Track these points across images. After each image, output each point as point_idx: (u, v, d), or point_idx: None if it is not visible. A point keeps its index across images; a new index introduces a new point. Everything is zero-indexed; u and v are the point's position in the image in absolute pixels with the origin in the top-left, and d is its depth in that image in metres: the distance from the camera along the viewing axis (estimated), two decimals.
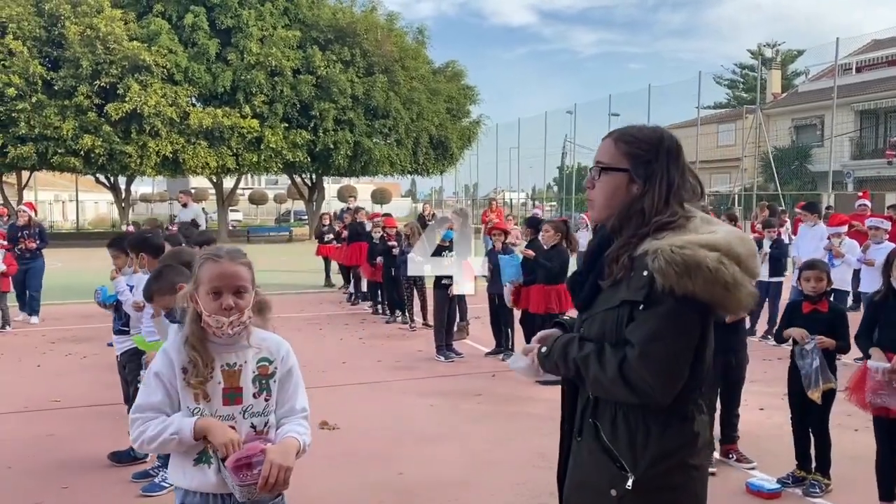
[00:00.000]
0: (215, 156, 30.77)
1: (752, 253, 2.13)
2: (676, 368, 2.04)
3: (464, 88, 36.43)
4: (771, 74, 40.66)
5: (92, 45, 28.72)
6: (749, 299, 2.06)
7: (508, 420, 6.55)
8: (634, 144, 2.21)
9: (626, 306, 2.09)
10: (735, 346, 5.37)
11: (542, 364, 2.27)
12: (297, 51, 31.82)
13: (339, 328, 11.17)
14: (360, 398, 7.30)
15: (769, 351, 9.27)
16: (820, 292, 4.91)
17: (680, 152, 2.22)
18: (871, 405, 4.28)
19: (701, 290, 1.98)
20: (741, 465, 5.40)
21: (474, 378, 8.13)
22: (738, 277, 2.01)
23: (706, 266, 1.97)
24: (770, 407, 6.69)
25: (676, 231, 2.08)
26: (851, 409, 4.84)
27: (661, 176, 2.16)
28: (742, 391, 5.63)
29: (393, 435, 6.14)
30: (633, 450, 2.11)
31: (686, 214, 2.15)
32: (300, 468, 2.40)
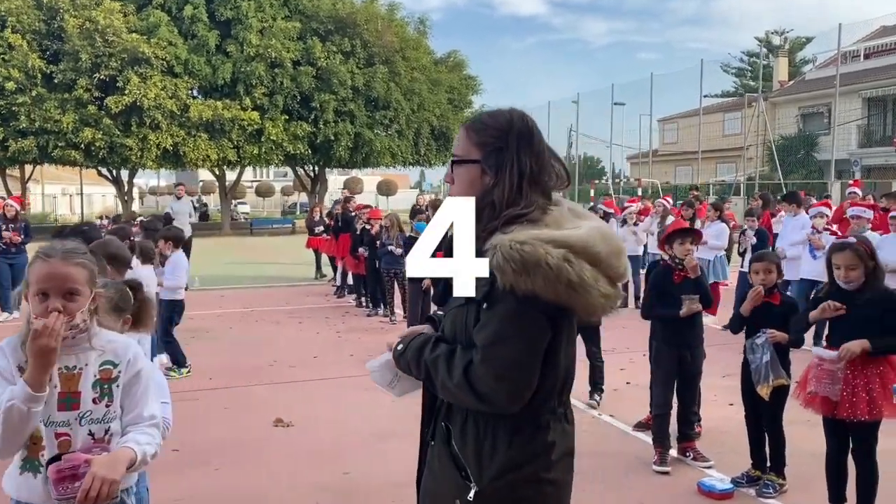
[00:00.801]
0: (216, 148, 30.71)
1: (614, 252, 1.97)
2: (520, 374, 1.89)
3: (465, 78, 36.20)
4: (777, 62, 40.14)
5: (91, 37, 28.68)
6: (602, 302, 1.90)
7: None
8: (484, 132, 2.06)
9: (472, 305, 1.95)
10: (690, 340, 5.21)
11: (398, 363, 2.12)
12: (297, 42, 31.67)
13: (320, 321, 11.06)
14: (323, 395, 7.18)
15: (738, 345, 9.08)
16: (770, 285, 4.73)
17: (533, 135, 2.05)
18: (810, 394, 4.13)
19: (542, 289, 1.82)
20: (698, 464, 5.24)
21: None
22: (586, 277, 1.85)
23: (546, 263, 1.81)
24: (740, 403, 6.47)
25: (528, 225, 1.93)
26: None
27: (511, 164, 2.00)
28: (701, 386, 5.48)
29: (347, 432, 6.02)
30: (480, 458, 1.97)
31: (544, 206, 2.00)
32: (234, 466, 2.26)
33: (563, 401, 2.07)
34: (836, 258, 4.15)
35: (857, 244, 4.16)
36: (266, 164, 33.58)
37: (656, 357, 5.29)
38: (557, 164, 2.10)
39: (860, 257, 4.10)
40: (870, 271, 4.12)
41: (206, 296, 14.05)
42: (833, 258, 4.18)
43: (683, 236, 5.20)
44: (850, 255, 4.10)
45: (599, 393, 6.73)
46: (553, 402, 2.02)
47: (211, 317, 11.57)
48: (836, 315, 4.08)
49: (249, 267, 18.84)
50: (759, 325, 4.67)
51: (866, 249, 4.17)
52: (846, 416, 3.99)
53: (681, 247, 5.18)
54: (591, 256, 1.90)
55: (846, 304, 4.10)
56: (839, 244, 4.26)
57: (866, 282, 4.10)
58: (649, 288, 5.44)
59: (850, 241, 4.21)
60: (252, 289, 15.15)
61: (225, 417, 6.51)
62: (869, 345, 3.96)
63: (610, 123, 35.99)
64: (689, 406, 5.33)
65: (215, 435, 6.04)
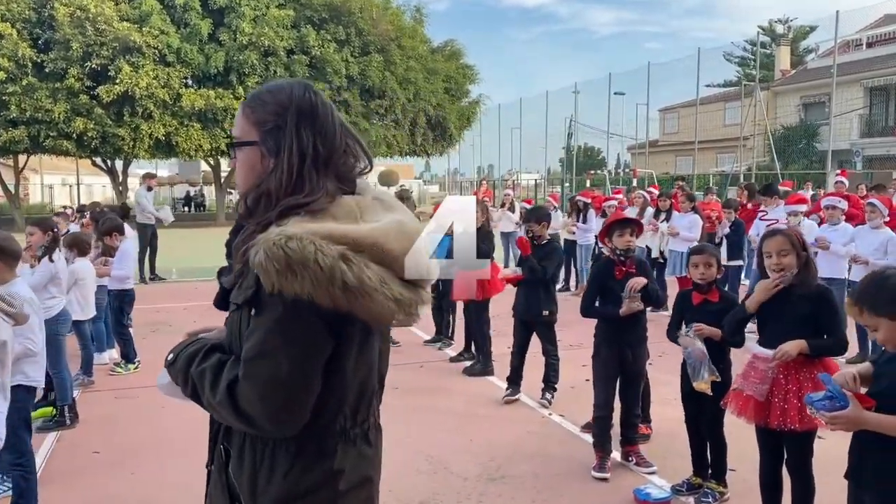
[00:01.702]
0: (209, 138, 30.41)
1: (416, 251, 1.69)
2: (287, 393, 1.61)
3: (462, 68, 35.75)
4: (779, 51, 39.55)
5: (82, 26, 28.37)
6: (391, 308, 1.62)
7: (412, 416, 6.12)
8: (262, 109, 1.77)
9: (243, 309, 1.67)
10: (631, 339, 4.91)
11: (170, 374, 1.84)
12: (290, 30, 31.30)
13: None
14: None
15: None
16: (710, 280, 4.43)
17: (317, 111, 1.76)
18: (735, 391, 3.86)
19: (311, 292, 1.54)
20: (640, 470, 4.96)
21: (399, 369, 7.67)
22: (367, 279, 1.57)
23: (315, 262, 1.53)
24: None
25: (307, 216, 1.64)
26: None
27: (290, 145, 1.71)
28: (652, 385, 5.19)
29: None
30: (254, 488, 1.70)
31: (335, 193, 1.71)
32: (148, 470, 1.98)
33: (358, 420, 1.78)
34: (768, 245, 3.84)
35: (788, 230, 3.87)
36: None
37: (595, 356, 5.00)
38: (355, 145, 1.81)
39: (792, 243, 3.80)
40: (802, 262, 3.82)
41: (179, 288, 13.82)
42: (764, 246, 3.88)
43: (622, 228, 4.88)
44: (782, 239, 3.81)
45: (552, 391, 6.46)
46: (342, 423, 1.74)
47: (177, 309, 11.32)
48: (775, 291, 3.76)
49: None
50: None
51: (798, 238, 3.87)
52: (776, 426, 3.69)
53: (620, 239, 4.87)
54: (380, 254, 1.62)
55: (778, 300, 3.81)
56: (769, 231, 3.96)
57: (799, 274, 3.79)
58: (589, 283, 5.13)
59: (780, 227, 3.91)
60: None
61: (157, 418, 6.24)
62: (806, 346, 3.67)
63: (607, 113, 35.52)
64: (632, 408, 5.04)
65: (142, 436, 5.79)
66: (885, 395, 2.79)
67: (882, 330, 2.80)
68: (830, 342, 3.71)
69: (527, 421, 6.04)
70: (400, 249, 1.65)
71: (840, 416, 2.72)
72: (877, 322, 2.80)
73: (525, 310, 6.46)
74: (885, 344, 2.84)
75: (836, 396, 2.78)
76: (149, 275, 14.53)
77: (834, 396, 2.79)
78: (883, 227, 7.52)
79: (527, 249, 6.43)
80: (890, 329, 2.77)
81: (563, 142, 44.70)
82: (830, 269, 8.01)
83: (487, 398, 6.65)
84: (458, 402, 6.55)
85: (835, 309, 3.75)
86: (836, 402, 2.77)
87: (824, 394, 2.82)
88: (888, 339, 2.81)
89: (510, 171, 53.25)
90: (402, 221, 1.72)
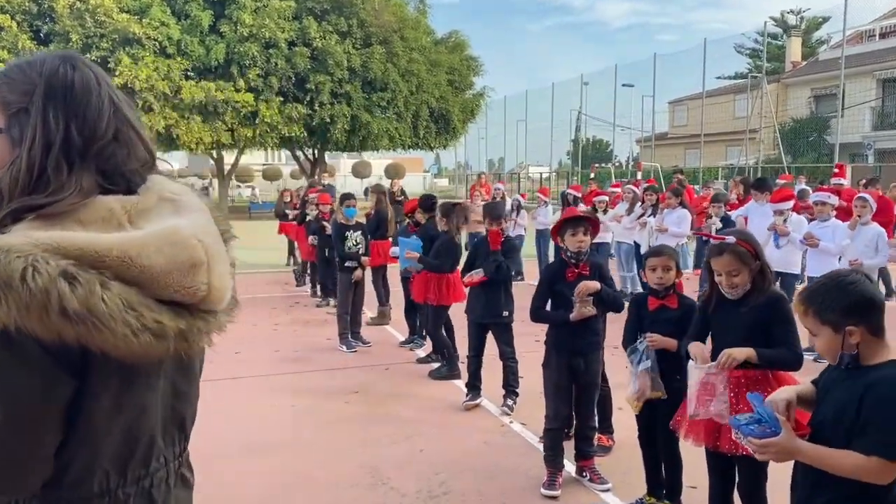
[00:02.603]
0: (210, 131, 30.13)
1: (185, 265, 1.33)
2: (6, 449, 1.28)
3: (467, 59, 35.27)
4: (790, 42, 38.83)
5: (81, 17, 28.18)
6: (147, 341, 1.27)
7: (366, 424, 5.80)
8: (9, 89, 1.41)
9: None
10: (583, 347, 4.54)
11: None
12: (292, 22, 30.96)
13: (264, 312, 10.47)
14: (219, 398, 6.57)
15: None
16: (667, 285, 4.06)
17: (73, 90, 1.41)
18: (692, 419, 3.44)
19: (21, 320, 1.20)
20: (594, 486, 4.60)
21: (364, 372, 7.39)
22: (99, 305, 1.22)
23: (23, 281, 1.19)
24: None
25: (39, 221, 1.30)
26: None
27: (33, 133, 1.37)
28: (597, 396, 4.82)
29: (219, 445, 5.41)
30: None
31: (89, 192, 1.36)
32: None
33: (131, 477, 1.44)
34: (715, 264, 3.47)
35: (737, 243, 3.47)
36: (261, 147, 32.91)
37: (545, 364, 4.64)
38: (129, 131, 1.46)
39: (742, 260, 3.42)
40: (756, 273, 3.44)
41: None
42: (711, 263, 3.51)
43: (574, 226, 4.50)
44: (730, 259, 3.42)
45: (513, 397, 6.11)
46: (104, 482, 1.40)
47: None
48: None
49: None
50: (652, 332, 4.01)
51: (749, 248, 3.48)
52: (728, 450, 3.33)
53: (572, 238, 4.50)
54: (130, 271, 1.27)
55: (726, 310, 3.44)
56: (716, 247, 3.52)
57: (753, 285, 3.42)
58: (538, 285, 4.75)
59: (729, 241, 3.50)
60: None
61: None
62: (754, 353, 3.30)
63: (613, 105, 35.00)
64: (586, 420, 4.67)
65: None
66: (826, 423, 2.43)
67: (821, 339, 2.43)
68: (783, 353, 3.34)
69: (485, 429, 5.69)
70: (164, 265, 1.30)
71: (770, 445, 2.36)
72: (819, 328, 2.43)
73: (484, 312, 6.11)
74: (822, 354, 2.47)
75: (765, 420, 2.42)
76: None
77: (763, 420, 2.42)
78: (871, 223, 7.11)
79: (497, 243, 6.10)
80: (830, 341, 2.40)
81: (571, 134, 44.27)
82: (820, 267, 7.60)
83: (449, 404, 6.31)
84: (416, 409, 6.21)
85: (788, 318, 3.37)
86: (766, 428, 2.41)
87: (752, 416, 2.46)
88: (825, 351, 2.44)
89: (520, 164, 52.79)
90: (178, 228, 1.36)
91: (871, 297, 2.36)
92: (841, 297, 2.37)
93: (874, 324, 2.37)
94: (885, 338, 2.39)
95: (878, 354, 2.38)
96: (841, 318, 2.37)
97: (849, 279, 2.42)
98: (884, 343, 2.38)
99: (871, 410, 2.23)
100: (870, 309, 2.36)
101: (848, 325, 2.35)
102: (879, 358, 2.38)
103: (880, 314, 2.37)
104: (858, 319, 2.36)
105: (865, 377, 2.37)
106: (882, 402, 2.22)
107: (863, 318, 2.35)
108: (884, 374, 2.32)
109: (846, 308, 2.36)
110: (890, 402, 2.22)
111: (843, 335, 2.37)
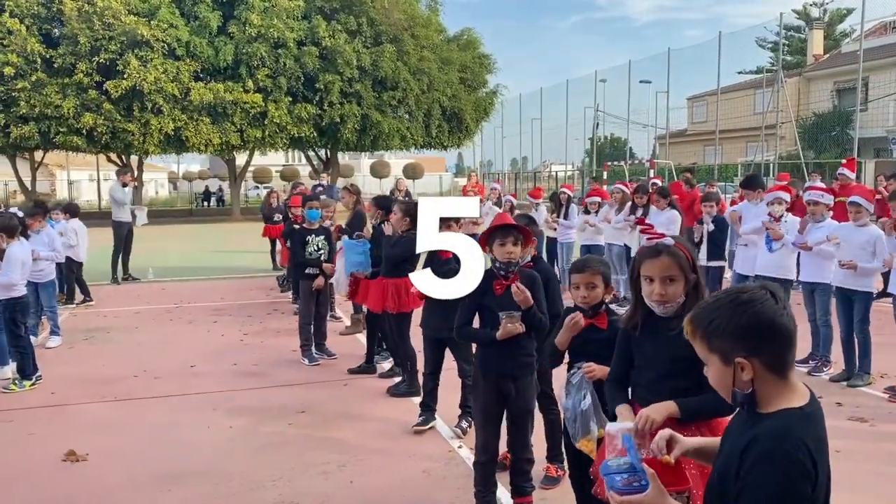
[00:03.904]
0: (219, 132, 29.96)
1: None
2: None
3: (479, 57, 34.72)
4: (812, 35, 37.74)
5: (90, 20, 28.09)
6: None
7: (303, 450, 5.32)
8: None
9: None
10: (512, 370, 4.01)
11: None
12: (300, 21, 30.65)
13: (238, 320, 10.04)
14: (156, 416, 6.15)
15: None
16: (593, 303, 3.52)
17: None
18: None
19: None
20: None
21: (320, 388, 6.91)
22: None
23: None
24: None
25: None
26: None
27: None
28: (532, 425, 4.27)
29: (131, 473, 4.97)
30: None
31: None
32: None
33: None
34: (648, 267, 2.88)
35: (676, 245, 2.90)
36: (271, 148, 32.62)
37: (473, 388, 4.12)
38: None
39: (681, 266, 2.86)
40: (690, 289, 2.89)
41: (145, 289, 13.20)
42: (642, 268, 2.92)
43: (503, 235, 3.98)
44: (669, 262, 2.85)
45: (469, 418, 5.57)
46: None
47: (128, 314, 10.67)
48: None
49: (221, 256, 17.96)
50: (581, 358, 3.48)
51: (688, 256, 2.92)
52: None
53: (500, 249, 3.98)
54: None
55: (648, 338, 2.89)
56: (650, 248, 2.92)
57: (685, 304, 2.85)
58: (463, 298, 4.20)
59: (667, 241, 2.93)
60: (201, 281, 14.24)
61: (21, 446, 5.53)
62: (676, 409, 2.74)
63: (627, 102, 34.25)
64: (520, 453, 4.14)
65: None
66: (713, 479, 1.91)
67: (711, 370, 1.90)
68: (712, 399, 2.41)
69: (429, 456, 5.18)
70: None
71: (633, 502, 1.85)
72: (707, 357, 1.90)
73: (441, 325, 5.57)
74: (716, 388, 1.93)
75: (637, 471, 1.91)
76: (121, 275, 13.94)
77: (635, 471, 1.92)
78: (869, 225, 6.49)
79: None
80: (720, 374, 1.88)
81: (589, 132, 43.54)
82: (814, 272, 7.03)
83: (400, 426, 5.79)
84: (361, 432, 5.70)
85: None
86: (633, 480, 1.90)
87: (624, 461, 1.95)
88: (717, 387, 1.92)
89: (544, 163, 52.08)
90: None
91: (770, 322, 1.80)
92: (731, 318, 1.83)
93: (773, 357, 1.82)
94: (791, 376, 1.85)
95: (778, 398, 1.84)
96: (730, 345, 1.84)
97: (744, 297, 1.85)
98: (786, 383, 1.83)
99: (747, 472, 1.73)
100: (766, 337, 1.81)
101: (738, 357, 1.83)
102: (778, 403, 1.84)
103: (783, 345, 1.81)
104: (751, 350, 1.82)
105: (756, 426, 1.84)
106: (757, 463, 1.71)
107: (756, 349, 1.82)
108: (767, 428, 1.79)
109: (736, 333, 1.82)
110: (766, 464, 1.70)
111: (734, 368, 1.84)
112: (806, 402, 1.84)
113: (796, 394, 1.85)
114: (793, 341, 1.84)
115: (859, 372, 6.68)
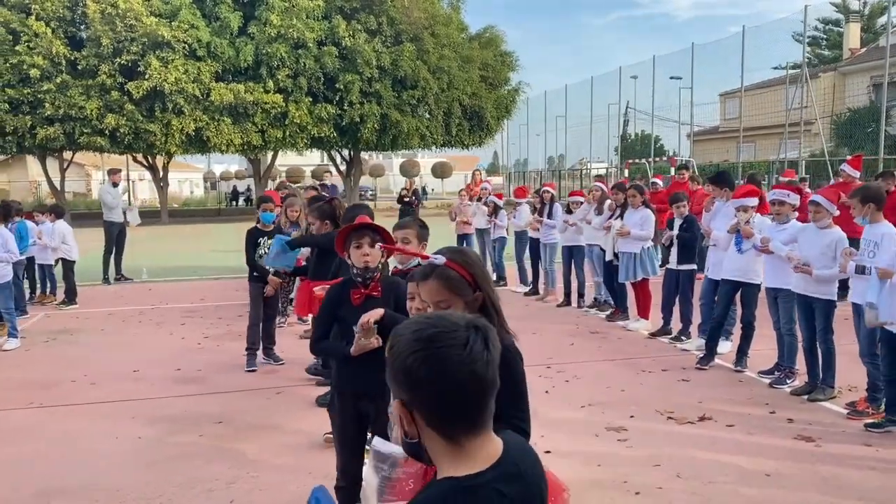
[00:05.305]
0: (240, 132, 30.07)
1: None
2: None
3: (501, 55, 34.28)
4: (848, 28, 36.47)
5: (112, 22, 28.39)
6: None
7: (203, 464, 5.06)
8: None
9: None
10: (369, 389, 3.63)
11: None
12: (320, 21, 30.60)
13: (207, 322, 9.87)
14: (72, 424, 5.95)
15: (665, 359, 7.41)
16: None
17: None
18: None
19: None
20: None
21: (250, 396, 6.65)
22: None
23: None
24: (564, 453, 4.91)
25: None
26: None
27: None
28: None
29: (23, 484, 4.77)
30: None
31: None
32: None
33: None
34: (420, 290, 2.56)
35: (447, 265, 2.54)
36: (291, 149, 32.66)
37: (330, 407, 3.81)
38: None
39: (454, 289, 2.50)
40: (477, 307, 2.50)
41: (133, 290, 13.13)
42: (414, 289, 2.60)
43: (358, 237, 3.64)
44: (438, 286, 2.50)
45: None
46: None
47: (100, 315, 10.57)
48: None
49: (221, 256, 17.85)
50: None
51: (464, 274, 2.53)
52: None
53: (357, 251, 3.64)
54: None
55: None
56: (421, 270, 2.61)
57: None
58: (320, 308, 3.87)
59: (436, 260, 2.55)
60: (191, 281, 14.15)
61: None
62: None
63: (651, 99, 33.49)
64: None
65: None
66: None
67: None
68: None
69: (327, 474, 4.84)
70: None
71: None
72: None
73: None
74: None
75: None
76: (114, 275, 13.91)
77: None
78: (832, 227, 6.00)
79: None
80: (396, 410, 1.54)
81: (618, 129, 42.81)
82: (775, 277, 6.55)
83: (311, 439, 5.50)
84: (266, 446, 5.41)
85: (516, 378, 2.44)
86: None
87: None
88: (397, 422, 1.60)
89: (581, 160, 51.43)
90: None
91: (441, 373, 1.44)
92: (400, 354, 1.49)
93: (431, 415, 1.48)
94: (465, 444, 1.49)
95: (443, 462, 1.50)
96: (393, 385, 1.53)
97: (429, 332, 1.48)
98: (455, 447, 1.48)
99: None
100: (426, 392, 1.47)
101: (400, 400, 1.52)
102: (445, 468, 1.50)
103: (449, 404, 1.46)
104: (409, 400, 1.49)
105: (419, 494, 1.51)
106: None
107: (412, 401, 1.49)
108: (423, 498, 1.45)
109: (398, 372, 1.49)
110: None
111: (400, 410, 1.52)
112: (481, 469, 1.48)
113: (469, 459, 1.49)
114: (467, 399, 1.47)
115: (822, 385, 6.20)
